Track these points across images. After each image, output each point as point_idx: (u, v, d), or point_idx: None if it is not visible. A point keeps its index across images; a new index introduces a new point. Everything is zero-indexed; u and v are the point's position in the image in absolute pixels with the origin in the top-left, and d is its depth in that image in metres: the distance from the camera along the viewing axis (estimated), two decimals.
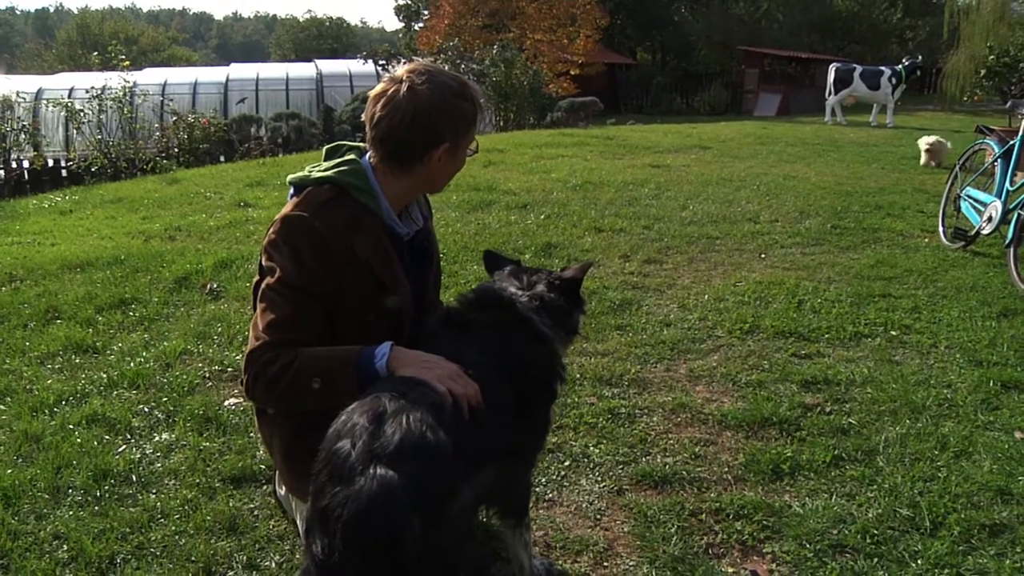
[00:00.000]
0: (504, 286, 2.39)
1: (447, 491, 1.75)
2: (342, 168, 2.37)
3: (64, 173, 13.76)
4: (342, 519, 1.64)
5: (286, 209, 2.34)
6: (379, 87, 2.31)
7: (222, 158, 15.07)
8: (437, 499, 1.71)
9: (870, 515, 2.81)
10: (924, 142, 10.98)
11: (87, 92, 14.40)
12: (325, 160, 2.48)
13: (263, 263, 2.33)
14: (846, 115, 18.59)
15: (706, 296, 5.09)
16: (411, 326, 2.39)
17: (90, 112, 13.90)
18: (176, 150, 14.62)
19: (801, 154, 11.82)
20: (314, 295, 2.23)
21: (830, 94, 18.40)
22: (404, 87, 2.24)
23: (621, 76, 34.41)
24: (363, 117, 2.36)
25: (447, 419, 1.86)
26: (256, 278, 2.40)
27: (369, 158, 2.40)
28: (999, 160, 6.20)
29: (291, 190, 2.43)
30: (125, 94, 14.37)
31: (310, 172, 2.42)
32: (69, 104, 14.45)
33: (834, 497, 2.94)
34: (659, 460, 3.21)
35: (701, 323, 4.65)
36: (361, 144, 2.50)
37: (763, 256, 6.08)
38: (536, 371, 2.26)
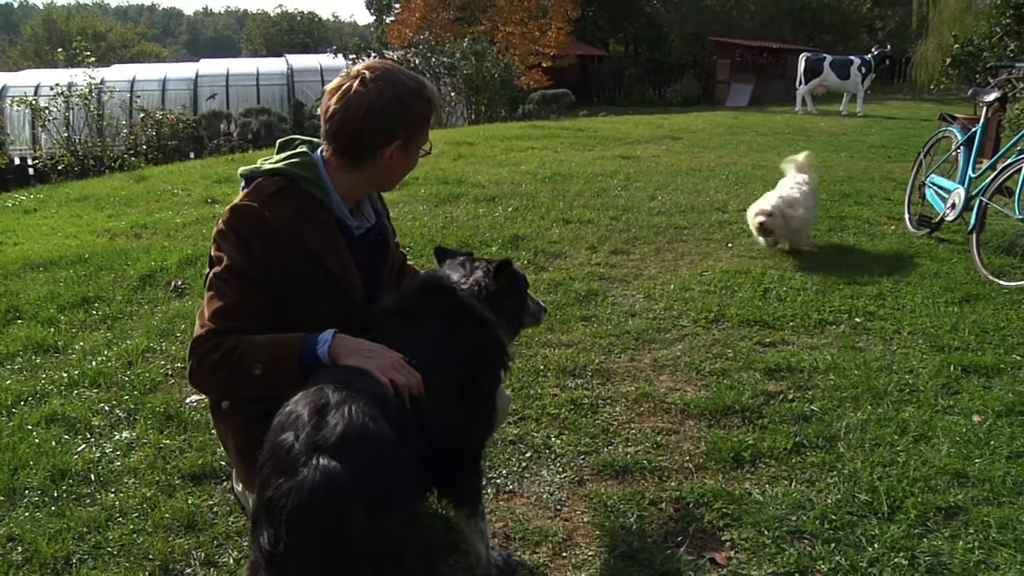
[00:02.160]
0: (448, 274, 2.44)
1: (390, 479, 1.75)
2: (293, 160, 2.37)
3: (31, 172, 13.64)
4: (286, 510, 1.65)
5: (236, 200, 2.33)
6: (335, 82, 2.32)
7: (191, 155, 14.98)
8: (380, 488, 1.71)
9: (829, 501, 2.83)
10: (756, 212, 5.86)
11: (52, 89, 14.22)
12: (278, 153, 2.48)
13: (212, 253, 2.32)
14: (817, 104, 18.72)
15: (672, 286, 5.11)
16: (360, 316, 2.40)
17: (56, 110, 13.73)
18: (144, 147, 14.51)
19: (771, 143, 11.87)
20: (261, 284, 2.23)
21: (801, 84, 18.52)
22: (358, 83, 2.25)
23: (593, 68, 34.44)
24: (318, 111, 2.36)
25: (390, 409, 1.89)
26: (207, 270, 2.38)
27: (322, 152, 2.40)
28: (962, 148, 6.26)
29: (242, 182, 2.43)
30: (92, 91, 14.21)
31: (261, 164, 2.42)
32: (34, 102, 14.27)
33: (794, 484, 2.96)
34: (621, 450, 3.22)
35: (666, 313, 4.66)
36: (315, 139, 2.50)
37: (730, 245, 6.11)
38: (479, 356, 2.29)
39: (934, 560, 2.51)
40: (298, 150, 2.43)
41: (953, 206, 6.05)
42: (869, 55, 17.98)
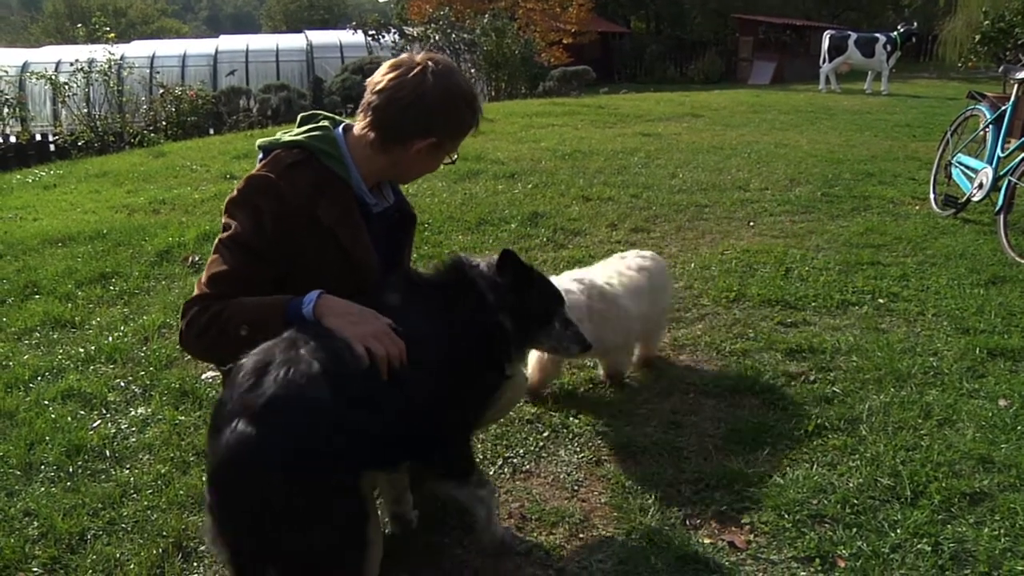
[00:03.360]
0: (469, 258, 2.39)
1: (314, 446, 1.76)
2: (314, 134, 2.33)
3: (52, 147, 13.65)
4: (209, 470, 1.79)
5: (253, 171, 2.30)
6: (397, 59, 2.32)
7: (211, 131, 14.97)
8: (301, 454, 1.73)
9: (851, 485, 2.78)
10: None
11: (73, 65, 14.25)
12: (298, 127, 2.43)
13: (223, 220, 2.28)
14: (841, 83, 18.44)
15: (693, 264, 5.05)
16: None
17: (76, 86, 13.77)
18: (164, 123, 14.52)
19: (794, 122, 11.73)
20: (264, 258, 2.19)
21: (824, 62, 18.24)
22: (419, 69, 2.24)
23: (614, 45, 34.11)
24: (367, 81, 2.34)
25: (345, 375, 1.88)
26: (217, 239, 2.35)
27: (355, 123, 2.37)
28: (990, 126, 6.13)
29: (260, 154, 2.38)
30: (112, 67, 14.24)
31: (280, 136, 2.38)
32: (55, 78, 14.30)
33: (815, 467, 2.91)
34: (639, 430, 3.17)
35: (687, 292, 4.61)
36: (337, 116, 2.47)
37: (752, 224, 6.03)
38: (471, 336, 2.23)
39: (958, 547, 2.46)
40: (319, 123, 2.40)
41: (980, 186, 5.93)
42: (895, 33, 17.67)
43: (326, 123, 2.40)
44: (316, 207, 2.22)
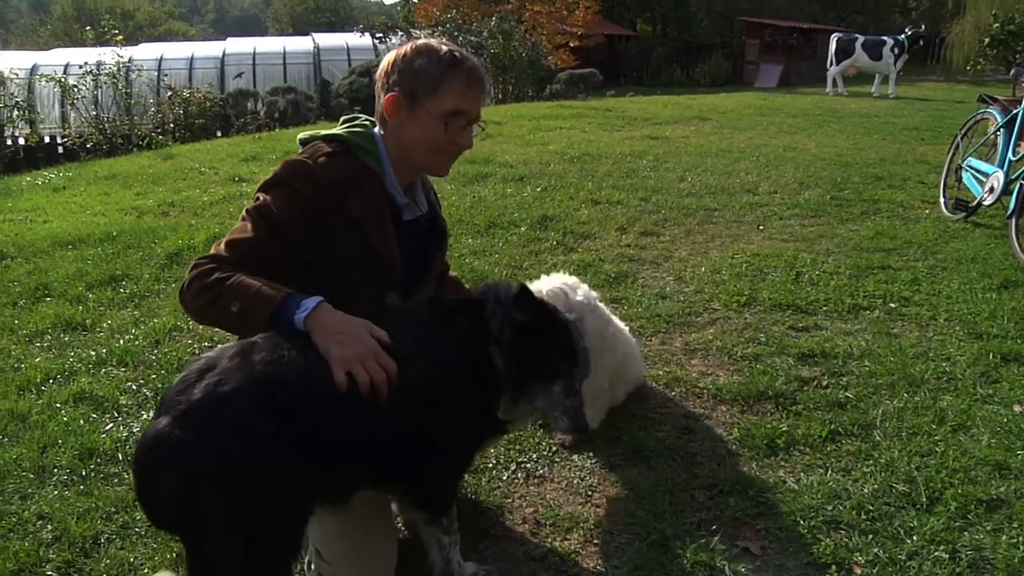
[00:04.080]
0: (502, 287, 2.26)
1: (217, 457, 1.78)
2: (353, 129, 2.36)
3: (60, 150, 13.70)
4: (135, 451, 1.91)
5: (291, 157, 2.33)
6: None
7: (218, 133, 15.00)
8: (201, 461, 1.77)
9: (866, 491, 2.77)
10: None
11: (81, 68, 14.30)
12: (340, 125, 2.46)
13: (255, 197, 2.28)
14: (848, 86, 18.41)
15: (703, 268, 5.04)
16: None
17: (85, 88, 13.82)
18: (172, 125, 14.55)
19: (801, 125, 11.71)
20: (288, 238, 2.18)
21: (831, 64, 18.22)
22: (401, 50, 2.30)
23: (621, 47, 34.12)
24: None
25: (285, 394, 1.87)
26: None
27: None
28: (1002, 130, 6.11)
29: (300, 148, 2.40)
30: (119, 69, 14.29)
31: (320, 131, 2.41)
32: (63, 80, 14.35)
33: (829, 472, 2.90)
34: (652, 435, 3.16)
35: (697, 296, 4.60)
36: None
37: (761, 228, 6.01)
38: (456, 366, 2.12)
39: (976, 555, 2.44)
40: (359, 121, 2.43)
41: (991, 190, 5.91)
42: (902, 35, 17.63)
43: (367, 122, 2.43)
44: (348, 198, 2.22)
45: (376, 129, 2.38)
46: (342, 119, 2.48)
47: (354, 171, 2.27)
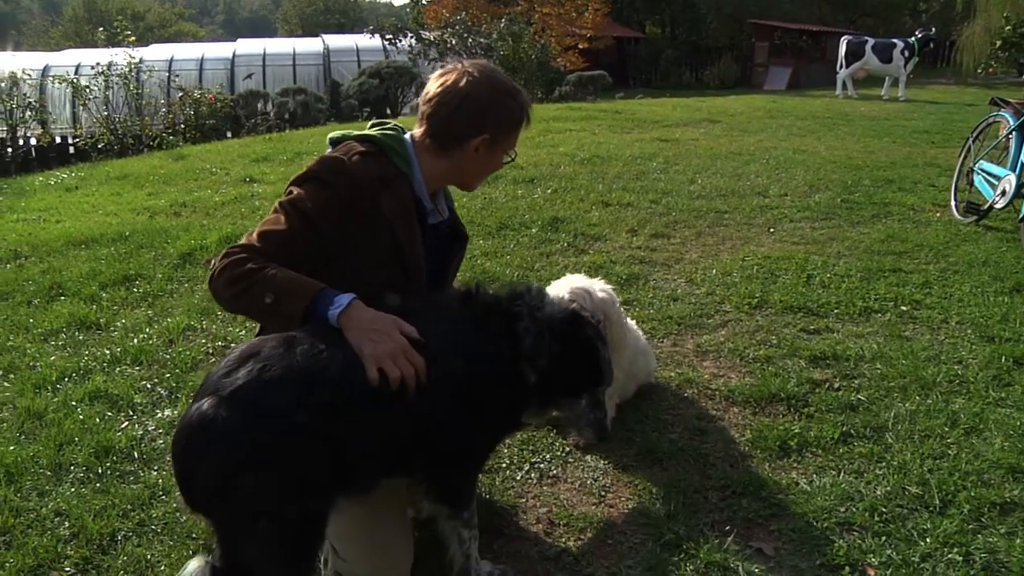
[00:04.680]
0: (541, 297, 2.32)
1: (262, 448, 1.84)
2: (385, 131, 2.42)
3: (71, 150, 13.76)
4: (175, 432, 1.95)
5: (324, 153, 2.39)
6: (444, 69, 2.43)
7: (228, 134, 15.06)
8: (240, 447, 1.83)
9: (878, 493, 2.78)
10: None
11: (93, 68, 14.36)
12: (369, 128, 2.52)
13: (287, 190, 2.33)
14: (858, 88, 18.37)
15: (714, 271, 5.04)
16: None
17: (96, 89, 13.88)
18: (182, 126, 14.60)
19: (811, 128, 11.69)
20: (320, 231, 2.23)
21: (841, 67, 18.16)
22: (461, 74, 2.35)
23: (630, 50, 34.10)
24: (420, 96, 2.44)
25: (326, 386, 1.93)
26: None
27: (413, 132, 2.45)
28: (1014, 133, 6.09)
29: (330, 147, 2.46)
30: (131, 70, 14.36)
31: (352, 131, 2.47)
32: (75, 81, 14.42)
33: (842, 474, 2.90)
34: (664, 436, 3.17)
35: (709, 298, 4.60)
36: (404, 127, 2.53)
37: (772, 230, 6.01)
38: (486, 375, 2.17)
39: (990, 557, 2.44)
40: (391, 126, 2.49)
41: (1003, 193, 5.90)
42: (913, 38, 17.57)
43: (397, 126, 2.49)
44: (380, 197, 2.28)
45: (408, 134, 2.45)
46: (371, 123, 2.53)
47: (386, 172, 2.33)
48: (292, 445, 1.87)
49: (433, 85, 2.39)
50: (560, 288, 2.98)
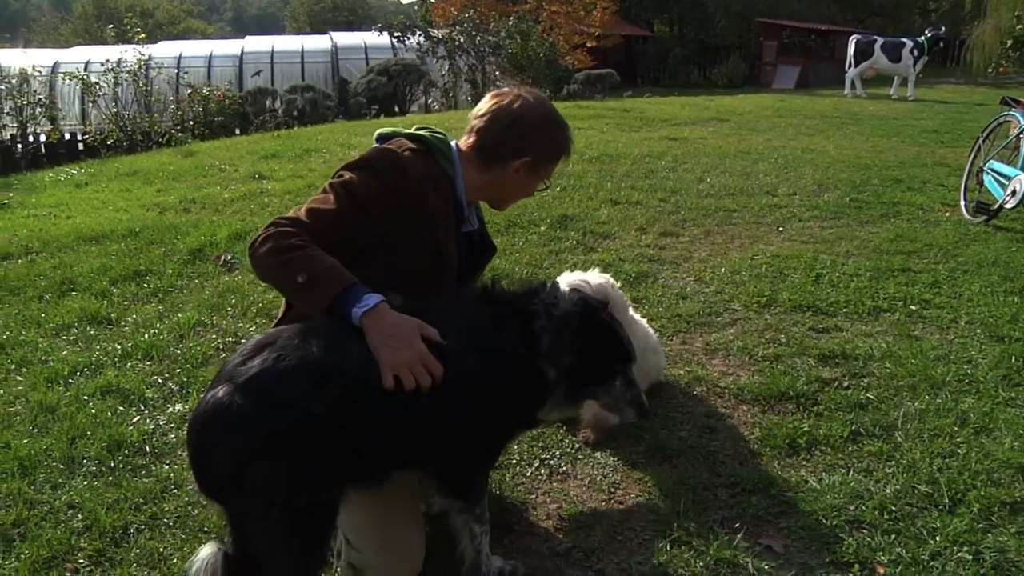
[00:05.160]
0: (557, 293, 2.33)
1: (274, 438, 1.87)
2: (435, 135, 2.52)
3: (81, 146, 13.82)
4: (190, 418, 1.99)
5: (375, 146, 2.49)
6: (500, 89, 2.59)
7: (237, 131, 15.07)
8: (258, 438, 1.86)
9: (888, 491, 2.78)
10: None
11: (103, 65, 14.41)
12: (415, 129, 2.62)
13: (337, 175, 2.38)
14: (866, 88, 18.30)
15: (723, 269, 5.04)
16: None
17: (106, 85, 13.93)
18: (191, 123, 14.64)
19: (820, 127, 11.67)
20: (367, 217, 2.29)
21: (850, 66, 18.06)
22: (516, 97, 2.50)
23: (638, 48, 34.07)
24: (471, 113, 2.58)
25: (339, 378, 1.97)
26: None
27: (460, 142, 2.55)
28: None
29: (376, 143, 2.55)
30: (140, 67, 14.39)
31: (401, 128, 2.57)
32: (85, 77, 14.48)
33: (851, 472, 2.91)
34: (674, 434, 3.18)
35: (718, 296, 4.61)
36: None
37: (781, 229, 6.01)
38: (504, 373, 2.19)
39: (1000, 556, 2.45)
40: (437, 130, 2.57)
41: (1014, 193, 5.89)
42: (922, 37, 17.50)
43: (441, 132, 2.58)
44: (427, 194, 2.37)
45: (453, 142, 2.54)
46: (415, 126, 2.59)
47: (433, 171, 2.42)
48: (305, 435, 1.90)
49: (487, 102, 2.51)
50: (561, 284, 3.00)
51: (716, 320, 4.29)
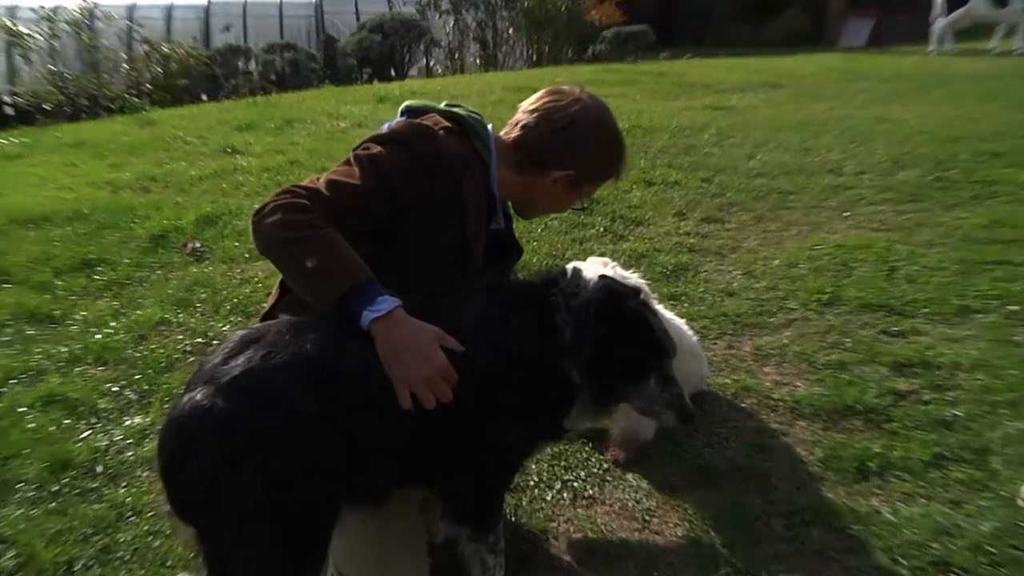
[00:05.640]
0: (576, 281, 2.36)
1: (260, 441, 1.89)
2: (472, 115, 2.58)
3: (11, 111, 13.63)
4: (163, 424, 2.00)
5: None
6: (558, 87, 2.68)
7: (204, 96, 15.08)
8: (242, 443, 1.88)
9: (983, 528, 2.75)
10: None
11: (35, 13, 14.30)
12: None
13: (363, 146, 2.43)
14: (958, 42, 17.87)
15: (776, 261, 5.04)
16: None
17: (39, 37, 13.83)
18: (149, 86, 14.63)
19: (898, 92, 11.60)
20: (395, 193, 2.35)
21: (940, 16, 17.47)
22: (577, 99, 2.59)
23: (677, 1, 34.03)
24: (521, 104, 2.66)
25: (332, 377, 2.00)
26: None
27: (500, 133, 2.63)
28: None
29: (402, 116, 2.62)
30: (84, 16, 14.31)
31: (432, 104, 2.64)
32: (11, 26, 14.35)
33: (935, 504, 2.89)
34: (719, 453, 3.19)
35: (770, 293, 4.61)
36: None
37: (847, 214, 6.00)
38: (521, 377, 2.21)
39: None
40: (474, 111, 2.62)
41: None
42: None
43: (476, 113, 2.63)
44: (461, 177, 2.43)
45: (491, 127, 2.60)
46: (445, 103, 2.64)
47: (468, 154, 2.48)
48: (297, 442, 1.92)
49: (542, 97, 2.60)
50: None
51: (769, 321, 4.30)
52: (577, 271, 2.41)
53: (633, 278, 3.12)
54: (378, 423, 2.04)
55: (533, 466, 3.09)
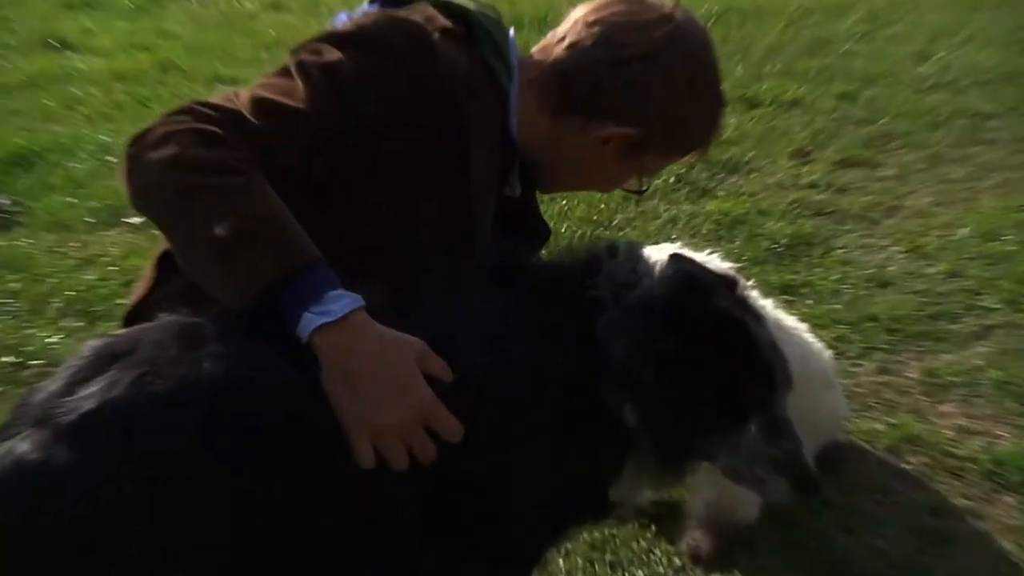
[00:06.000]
0: (626, 256, 2.33)
1: (136, 518, 1.83)
2: (486, 13, 2.55)
3: None
4: None
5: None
6: None
7: None
8: (99, 519, 1.81)
9: None
10: None
11: None
12: None
13: (311, 50, 2.38)
14: None
15: (965, 230, 5.06)
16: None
17: None
18: None
19: None
20: (356, 127, 2.29)
21: None
22: (668, 17, 2.50)
23: None
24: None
25: (231, 422, 1.91)
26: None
27: (528, 55, 2.61)
28: None
29: (371, 2, 2.58)
30: None
31: None
32: None
33: None
34: (866, 542, 3.20)
35: (952, 283, 4.63)
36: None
37: None
38: (543, 419, 2.17)
39: None
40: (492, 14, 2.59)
41: None
42: None
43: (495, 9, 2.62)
44: (464, 106, 2.38)
45: (511, 31, 2.57)
46: None
47: (477, 72, 2.44)
48: (185, 528, 1.87)
49: (610, 8, 2.50)
50: None
51: (950, 329, 4.31)
52: (633, 248, 2.36)
53: (723, 265, 3.10)
54: (319, 496, 1.98)
55: (561, 562, 3.11)
